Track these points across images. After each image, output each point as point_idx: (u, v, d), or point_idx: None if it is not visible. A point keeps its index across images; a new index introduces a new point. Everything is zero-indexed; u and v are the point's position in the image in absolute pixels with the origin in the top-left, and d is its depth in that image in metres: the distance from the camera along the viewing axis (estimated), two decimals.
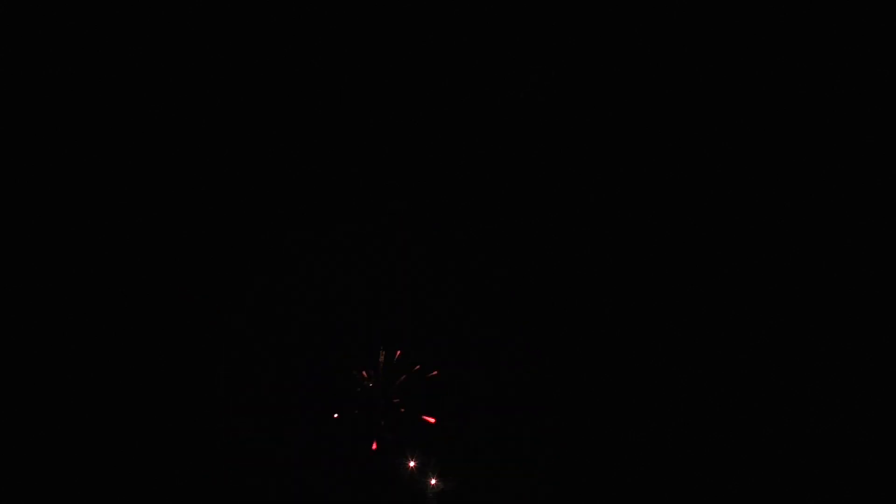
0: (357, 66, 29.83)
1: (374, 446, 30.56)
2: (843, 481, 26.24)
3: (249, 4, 29.40)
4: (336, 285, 29.52)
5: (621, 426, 27.61)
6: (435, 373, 30.33)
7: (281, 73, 29.78)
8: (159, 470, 27.54)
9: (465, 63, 29.62)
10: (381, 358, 30.69)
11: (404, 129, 29.75)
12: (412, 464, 29.96)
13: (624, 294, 28.63)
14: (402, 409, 30.67)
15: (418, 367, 30.40)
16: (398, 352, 30.55)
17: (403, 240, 29.17)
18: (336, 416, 30.46)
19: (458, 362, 29.69)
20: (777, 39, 28.56)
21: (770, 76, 28.70)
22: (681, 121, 29.06)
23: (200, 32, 29.24)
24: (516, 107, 29.67)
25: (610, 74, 29.31)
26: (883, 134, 27.93)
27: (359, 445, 30.45)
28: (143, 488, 27.33)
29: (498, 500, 28.02)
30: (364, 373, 30.70)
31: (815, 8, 27.96)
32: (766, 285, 28.22)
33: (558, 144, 29.57)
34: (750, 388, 27.50)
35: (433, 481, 29.37)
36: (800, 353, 27.50)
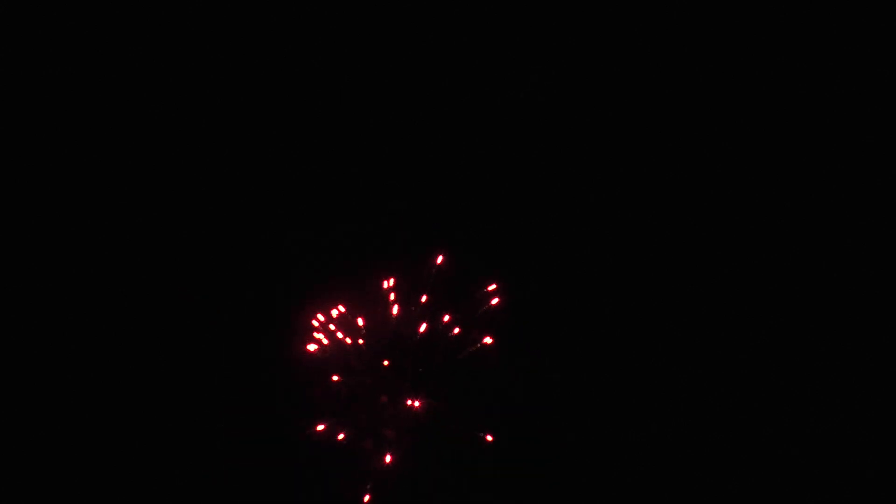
0: (357, 67, 29.82)
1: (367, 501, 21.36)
2: (843, 481, 26.26)
3: (249, 4, 29.40)
4: (334, 286, 29.26)
5: (622, 427, 27.56)
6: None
7: (280, 73, 29.76)
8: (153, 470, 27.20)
9: (465, 63, 29.62)
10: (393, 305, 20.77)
11: (404, 130, 29.69)
12: None
13: (624, 295, 28.59)
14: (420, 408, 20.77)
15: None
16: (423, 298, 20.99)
17: (403, 240, 29.05)
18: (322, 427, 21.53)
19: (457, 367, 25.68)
20: (777, 39, 28.68)
21: (770, 76, 28.81)
22: (681, 121, 29.09)
23: (200, 32, 29.23)
24: (516, 107, 29.66)
25: (610, 74, 29.32)
26: (883, 134, 28.06)
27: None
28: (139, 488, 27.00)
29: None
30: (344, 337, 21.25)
31: (814, 8, 28.10)
32: (766, 286, 28.24)
33: (558, 145, 29.55)
34: (750, 389, 27.50)
35: None
36: (799, 354, 27.52)
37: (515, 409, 24.53)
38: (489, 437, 22.38)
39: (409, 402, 22.63)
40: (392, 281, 22.51)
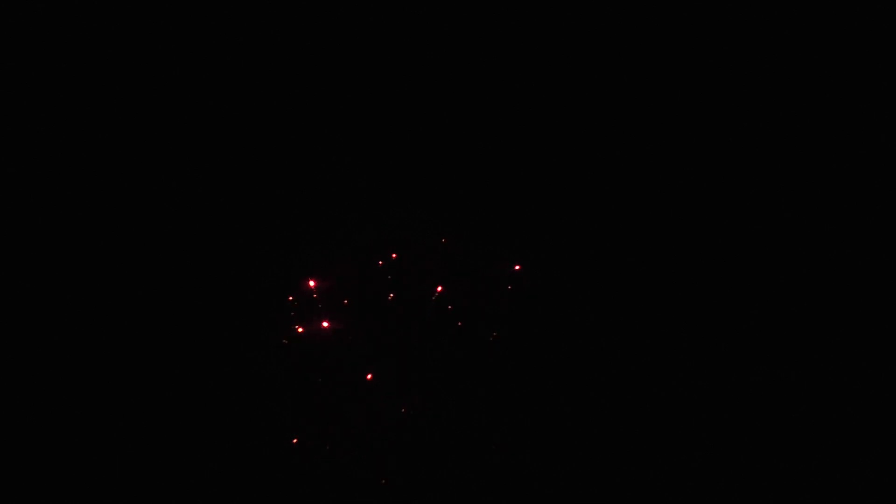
0: (357, 67, 29.80)
1: None
2: (843, 482, 26.20)
3: (249, 4, 29.41)
4: (334, 287, 29.07)
5: (622, 427, 27.45)
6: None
7: (280, 73, 29.73)
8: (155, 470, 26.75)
9: (465, 63, 29.63)
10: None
11: (404, 130, 29.68)
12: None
13: (627, 296, 28.49)
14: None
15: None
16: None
17: (404, 240, 28.88)
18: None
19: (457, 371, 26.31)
20: (777, 40, 28.69)
21: (771, 77, 28.82)
22: (682, 122, 29.09)
23: (200, 32, 29.21)
24: (515, 107, 29.65)
25: (610, 75, 29.35)
26: (883, 134, 28.06)
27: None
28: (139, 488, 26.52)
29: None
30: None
31: (815, 8, 28.13)
32: (767, 287, 28.22)
33: (558, 145, 29.55)
34: (750, 390, 27.47)
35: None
36: (801, 355, 27.49)
37: (519, 410, 23.70)
38: (494, 446, 21.05)
39: (406, 404, 21.55)
40: (393, 255, 20.55)
